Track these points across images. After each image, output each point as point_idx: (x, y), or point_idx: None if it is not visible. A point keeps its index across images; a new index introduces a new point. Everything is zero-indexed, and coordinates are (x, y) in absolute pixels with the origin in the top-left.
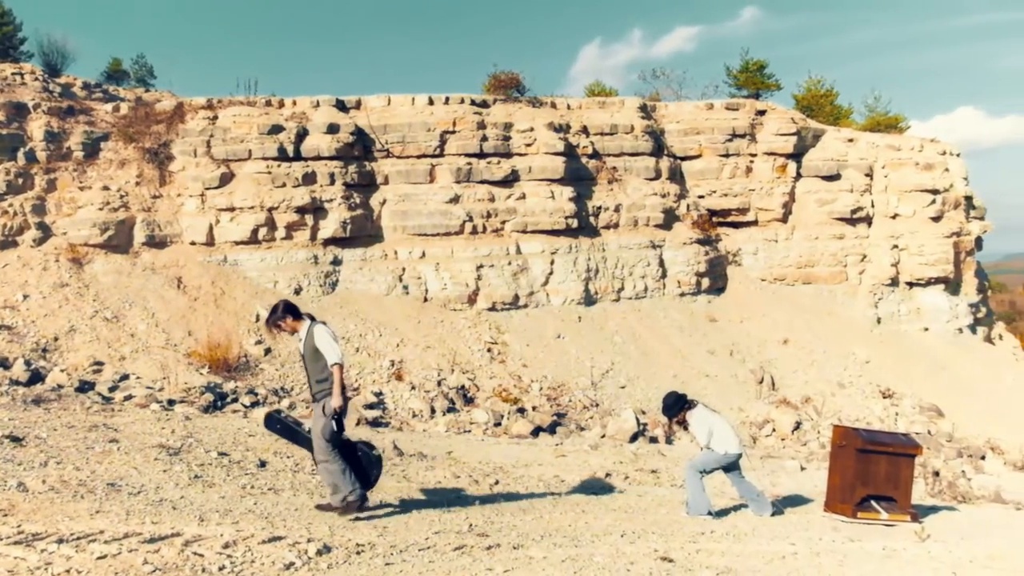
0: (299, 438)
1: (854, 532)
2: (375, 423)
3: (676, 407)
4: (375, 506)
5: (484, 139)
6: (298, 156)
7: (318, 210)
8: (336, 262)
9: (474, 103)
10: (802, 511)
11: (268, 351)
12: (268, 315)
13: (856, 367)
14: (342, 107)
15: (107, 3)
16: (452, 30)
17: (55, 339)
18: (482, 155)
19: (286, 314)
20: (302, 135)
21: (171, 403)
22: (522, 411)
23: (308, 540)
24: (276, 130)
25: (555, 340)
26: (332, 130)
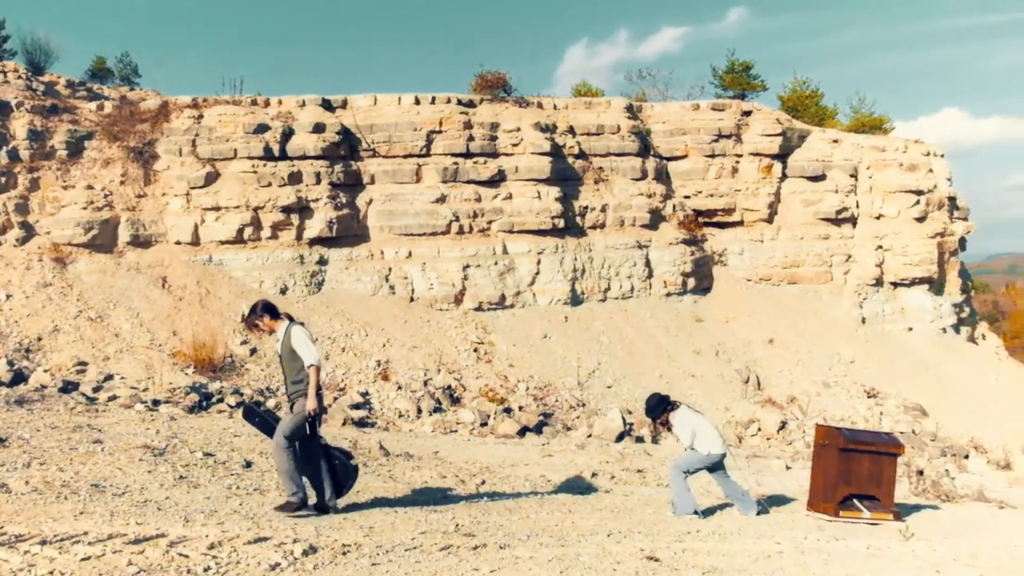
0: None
1: (839, 531)
2: (361, 423)
3: (659, 409)
4: (361, 503)
5: (471, 139)
6: (284, 155)
7: (304, 210)
8: (322, 262)
9: (460, 103)
10: (787, 510)
11: (254, 351)
12: (247, 314)
13: (841, 367)
14: (328, 106)
15: (91, 1)
16: (439, 30)
17: (38, 339)
18: (468, 155)
19: (264, 313)
20: (288, 134)
21: (156, 403)
22: (508, 411)
23: (294, 541)
24: (262, 129)
25: (541, 340)
26: (318, 129)
